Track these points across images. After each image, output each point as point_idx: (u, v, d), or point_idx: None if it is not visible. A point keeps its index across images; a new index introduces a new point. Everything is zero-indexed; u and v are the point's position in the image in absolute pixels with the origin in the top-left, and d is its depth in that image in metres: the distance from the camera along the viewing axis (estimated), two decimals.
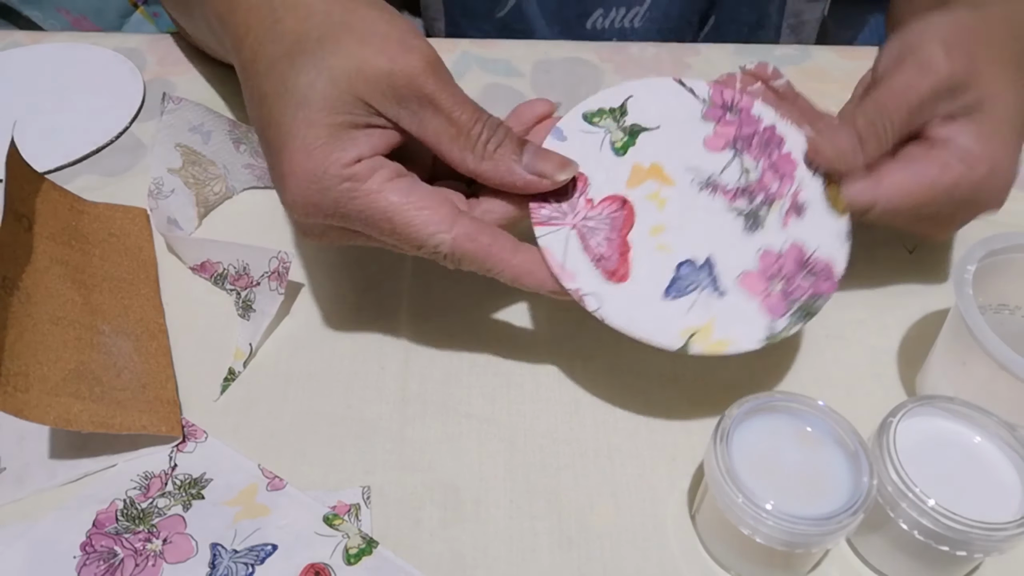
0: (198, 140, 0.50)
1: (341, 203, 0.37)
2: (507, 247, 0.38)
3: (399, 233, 0.38)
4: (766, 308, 0.39)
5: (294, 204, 0.38)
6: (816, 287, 0.40)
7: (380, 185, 0.37)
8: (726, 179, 0.41)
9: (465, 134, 0.38)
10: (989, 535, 0.32)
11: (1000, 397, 0.37)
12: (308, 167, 0.36)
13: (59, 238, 0.45)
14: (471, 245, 0.38)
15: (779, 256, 0.40)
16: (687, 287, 0.39)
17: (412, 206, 0.37)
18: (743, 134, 0.42)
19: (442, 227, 0.37)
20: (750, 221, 0.41)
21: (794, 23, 0.73)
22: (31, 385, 0.38)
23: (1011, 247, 0.41)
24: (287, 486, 0.40)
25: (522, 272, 0.39)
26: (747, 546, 0.35)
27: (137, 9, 0.86)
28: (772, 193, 0.41)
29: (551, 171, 0.39)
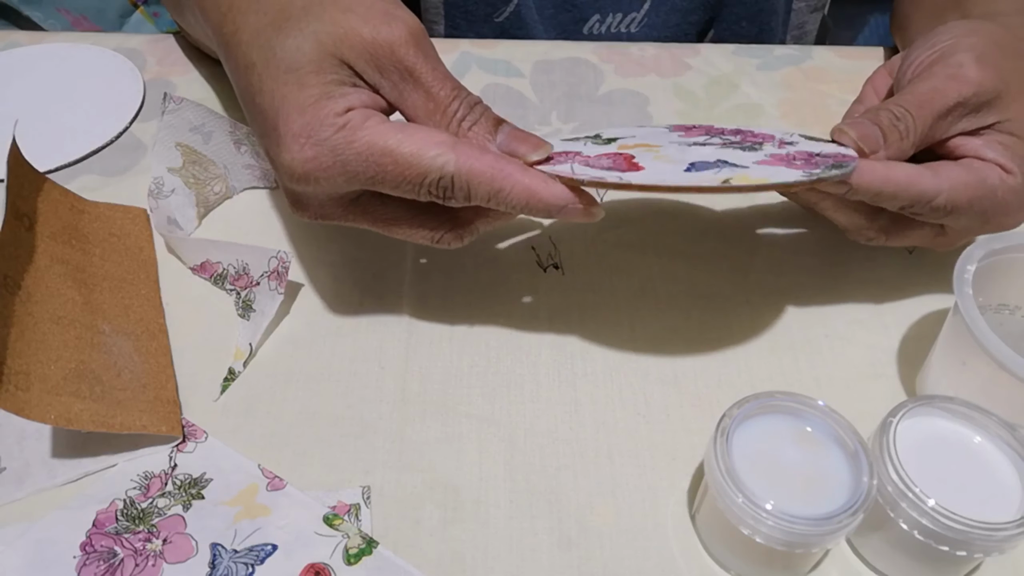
0: (199, 140, 0.50)
1: (339, 150, 0.36)
2: (516, 164, 0.37)
3: (401, 164, 0.36)
4: (794, 167, 0.38)
5: (293, 163, 0.37)
6: (839, 155, 0.39)
7: (376, 126, 0.37)
8: (711, 143, 0.42)
9: (442, 110, 0.38)
10: (989, 535, 0.32)
11: (1000, 397, 0.37)
12: (303, 122, 0.36)
13: (60, 237, 0.45)
14: (477, 163, 0.36)
15: (788, 154, 0.40)
16: (705, 166, 0.38)
17: (410, 137, 0.36)
18: (712, 130, 0.44)
19: (443, 148, 0.36)
20: (746, 146, 0.41)
21: (797, 34, 0.73)
22: (32, 384, 0.38)
23: (1011, 247, 0.41)
24: (287, 486, 0.40)
25: (535, 188, 0.37)
26: (747, 546, 0.35)
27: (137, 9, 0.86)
28: (759, 140, 0.42)
29: (524, 151, 0.38)
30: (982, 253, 0.40)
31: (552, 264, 0.50)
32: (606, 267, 0.49)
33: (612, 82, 0.62)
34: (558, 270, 0.49)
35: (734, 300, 0.48)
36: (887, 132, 0.41)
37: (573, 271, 0.49)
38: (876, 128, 0.41)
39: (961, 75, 0.41)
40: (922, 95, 0.41)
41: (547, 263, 0.50)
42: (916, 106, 0.41)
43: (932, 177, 0.40)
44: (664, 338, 0.46)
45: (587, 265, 0.49)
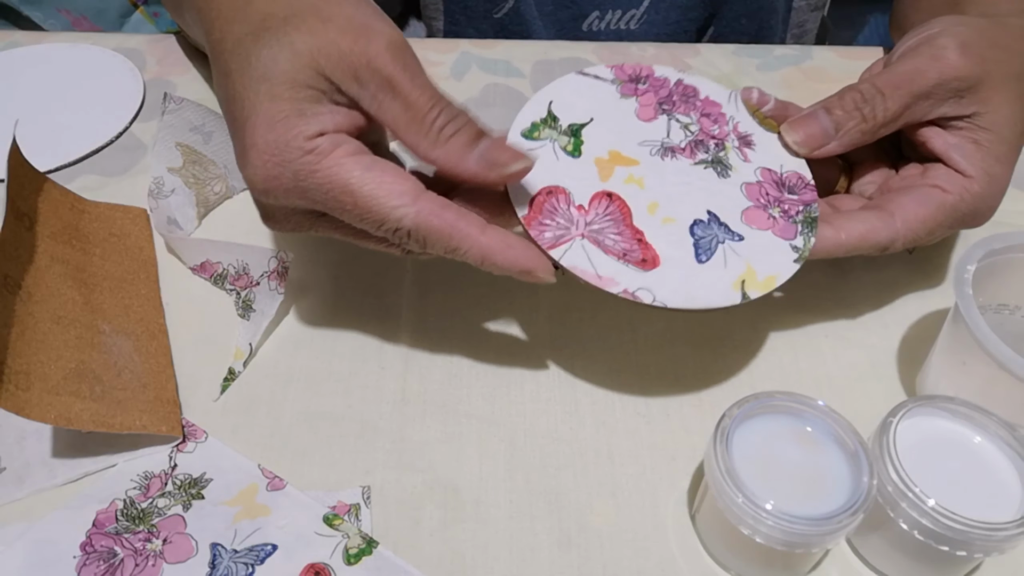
0: (199, 140, 0.50)
1: (301, 176, 0.36)
2: (475, 223, 0.37)
3: (360, 207, 0.36)
4: (779, 234, 0.41)
5: (255, 177, 0.36)
6: (803, 199, 0.42)
7: (341, 159, 0.36)
8: (675, 140, 0.43)
9: (420, 119, 0.37)
10: (989, 535, 0.32)
11: (1000, 397, 0.37)
12: (270, 139, 0.36)
13: (60, 237, 0.45)
14: (436, 220, 0.36)
15: (759, 184, 0.42)
16: (711, 245, 0.40)
17: (374, 180, 0.36)
18: (662, 97, 0.45)
19: (405, 200, 0.36)
20: (718, 167, 0.42)
21: (797, 32, 0.74)
22: (32, 384, 0.38)
23: (1011, 247, 0.41)
24: (287, 486, 0.40)
25: (492, 250, 0.37)
26: (747, 546, 0.35)
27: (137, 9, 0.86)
28: (717, 136, 0.44)
29: (505, 160, 0.37)
30: (982, 253, 0.40)
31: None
32: None
33: None
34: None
35: None
36: (843, 120, 0.41)
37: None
38: (827, 120, 0.41)
39: (944, 57, 0.41)
40: (900, 75, 0.41)
41: None
42: (892, 86, 0.41)
43: (885, 226, 0.41)
44: (664, 338, 0.46)
45: None
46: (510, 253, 0.37)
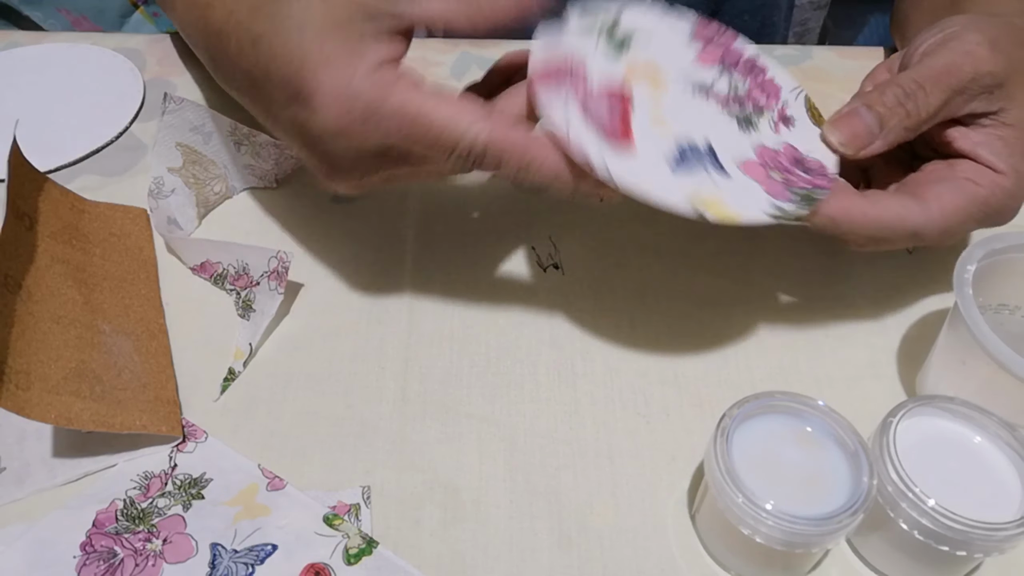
0: (199, 140, 0.50)
1: (374, 106, 0.35)
2: (544, 141, 0.37)
3: (436, 130, 0.36)
4: (769, 191, 0.39)
5: (326, 119, 0.36)
6: (814, 181, 0.40)
7: (409, 88, 0.36)
8: (717, 88, 0.42)
9: None
10: (989, 535, 0.32)
11: (1000, 397, 0.37)
12: (333, 76, 0.35)
13: (60, 237, 0.45)
14: (510, 135, 0.36)
15: (775, 152, 0.41)
16: (691, 165, 0.39)
17: (444, 103, 0.36)
18: (729, 58, 0.44)
19: (477, 118, 0.36)
20: (743, 123, 0.41)
21: (799, 31, 0.73)
22: (32, 383, 0.38)
23: (1011, 247, 0.41)
24: (287, 486, 0.40)
25: (563, 166, 0.37)
26: (747, 546, 0.35)
27: (137, 9, 0.85)
28: (761, 104, 0.43)
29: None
30: (982, 253, 0.40)
31: (552, 264, 0.50)
32: (606, 267, 0.49)
33: None
34: (558, 270, 0.49)
35: (734, 300, 0.48)
36: (887, 116, 0.40)
37: (573, 271, 0.49)
38: (870, 118, 0.40)
39: (976, 52, 0.40)
40: (939, 68, 0.40)
41: (547, 263, 0.50)
42: (932, 80, 0.40)
43: (922, 211, 0.40)
44: (664, 338, 0.46)
45: (587, 265, 0.49)
46: (575, 169, 0.37)
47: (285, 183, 0.54)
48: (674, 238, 0.51)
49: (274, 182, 0.53)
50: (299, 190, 0.53)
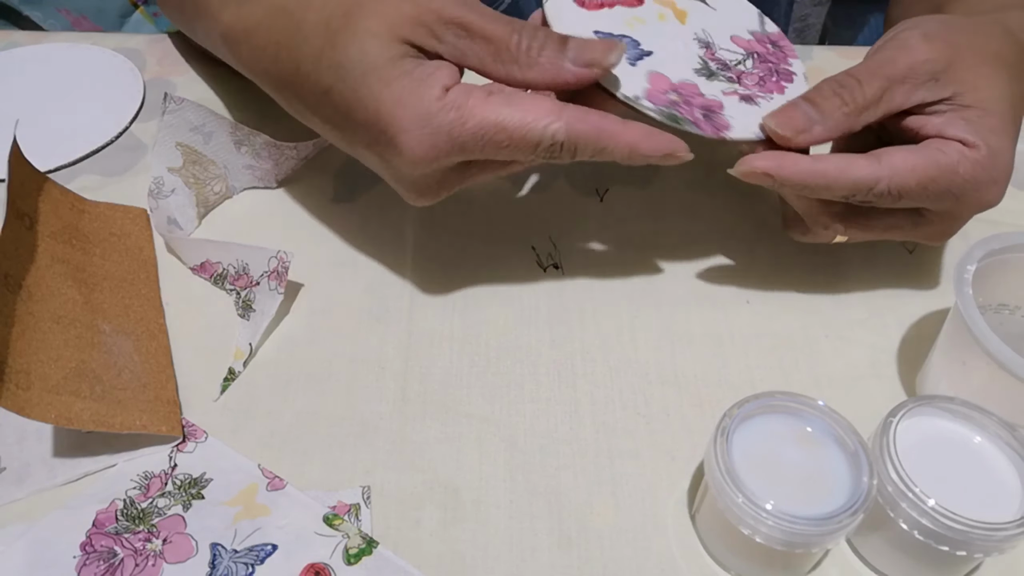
0: (199, 140, 0.50)
1: (455, 133, 0.37)
2: (616, 121, 0.38)
3: (516, 138, 0.37)
4: (651, 93, 0.41)
5: (415, 158, 0.38)
6: (694, 115, 0.41)
7: (482, 102, 0.37)
8: (722, 54, 0.45)
9: (504, 48, 0.38)
10: (989, 535, 0.32)
11: (1000, 397, 0.37)
12: (411, 115, 0.37)
13: (60, 237, 0.45)
14: (583, 126, 0.38)
15: (698, 92, 0.42)
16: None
17: (518, 110, 0.37)
18: (766, 59, 0.46)
19: (552, 117, 0.37)
20: (703, 71, 0.43)
21: (800, 27, 0.73)
22: (32, 383, 0.38)
23: (1011, 247, 0.41)
24: (287, 486, 0.40)
25: (637, 142, 0.38)
26: (747, 546, 0.35)
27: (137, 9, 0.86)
28: (744, 82, 0.44)
29: (600, 58, 0.39)
30: (982, 253, 0.40)
31: (552, 264, 0.50)
32: (606, 267, 0.49)
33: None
34: (558, 270, 0.49)
35: (734, 300, 0.48)
36: (823, 104, 0.41)
37: (573, 271, 0.49)
38: (806, 106, 0.41)
39: (908, 45, 0.41)
40: (871, 64, 0.42)
41: (547, 263, 0.50)
42: (867, 72, 0.41)
43: (868, 164, 0.40)
44: (664, 338, 0.46)
45: (587, 265, 0.49)
46: (653, 141, 0.39)
47: (285, 183, 0.54)
48: (674, 238, 0.51)
49: (274, 182, 0.53)
50: (299, 190, 0.53)
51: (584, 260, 0.50)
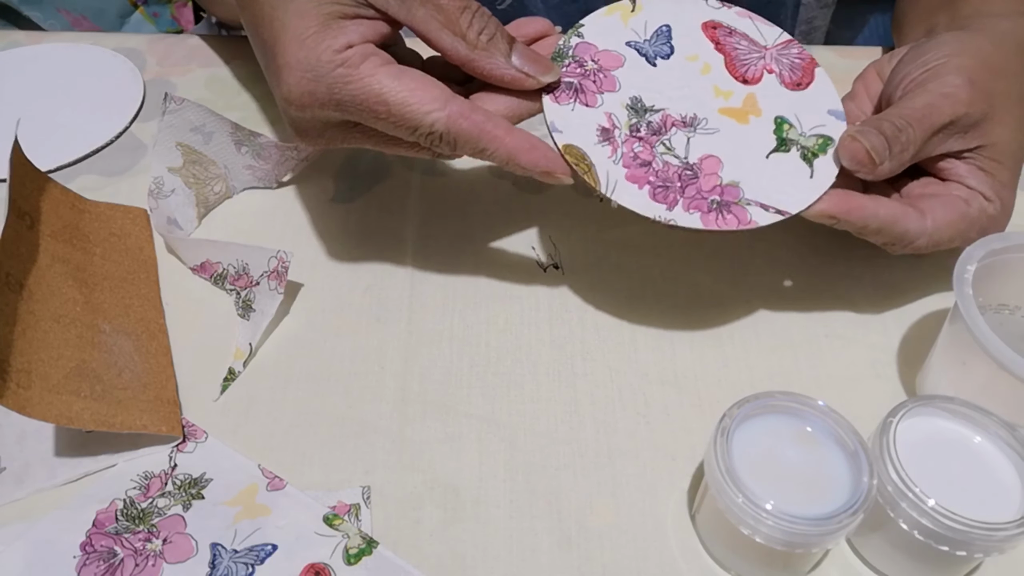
0: (199, 140, 0.50)
1: (335, 89, 0.37)
2: (501, 125, 0.39)
3: (394, 115, 0.38)
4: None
5: (290, 96, 0.38)
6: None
7: (373, 69, 0.37)
8: None
9: (453, 23, 0.38)
10: (989, 535, 0.32)
11: (1000, 397, 0.37)
12: (301, 56, 0.37)
13: (61, 236, 0.45)
14: (465, 123, 0.38)
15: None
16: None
17: (405, 87, 0.37)
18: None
19: (436, 105, 0.38)
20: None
21: (806, 29, 0.73)
22: (33, 382, 0.38)
23: (1011, 247, 0.41)
24: (287, 486, 0.40)
25: (517, 151, 0.39)
26: (747, 546, 0.35)
27: (137, 9, 0.86)
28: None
29: (537, 72, 0.40)
30: (982, 253, 0.40)
31: (552, 264, 0.50)
32: (606, 267, 0.49)
33: None
34: (558, 270, 0.49)
35: (734, 300, 0.48)
36: (891, 143, 0.41)
37: (573, 271, 0.49)
38: (882, 139, 0.41)
39: (954, 95, 0.41)
40: (919, 109, 0.41)
41: (547, 263, 0.50)
42: (915, 120, 0.41)
43: (918, 219, 0.42)
44: (664, 338, 0.46)
45: (587, 265, 0.49)
46: (533, 154, 0.39)
47: (285, 183, 0.54)
48: (674, 238, 0.51)
49: (274, 182, 0.53)
50: (299, 190, 0.53)
51: (584, 260, 0.50)
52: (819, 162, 0.42)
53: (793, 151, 0.42)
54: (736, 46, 0.45)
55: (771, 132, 0.43)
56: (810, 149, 0.42)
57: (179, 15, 0.88)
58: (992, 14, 0.48)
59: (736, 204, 0.41)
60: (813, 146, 0.42)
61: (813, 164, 0.42)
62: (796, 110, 0.43)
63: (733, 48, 0.45)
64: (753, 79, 0.44)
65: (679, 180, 0.41)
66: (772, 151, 0.42)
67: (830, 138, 0.43)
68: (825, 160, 0.42)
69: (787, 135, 0.43)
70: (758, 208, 0.41)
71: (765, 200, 0.41)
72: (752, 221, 0.40)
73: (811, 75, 0.45)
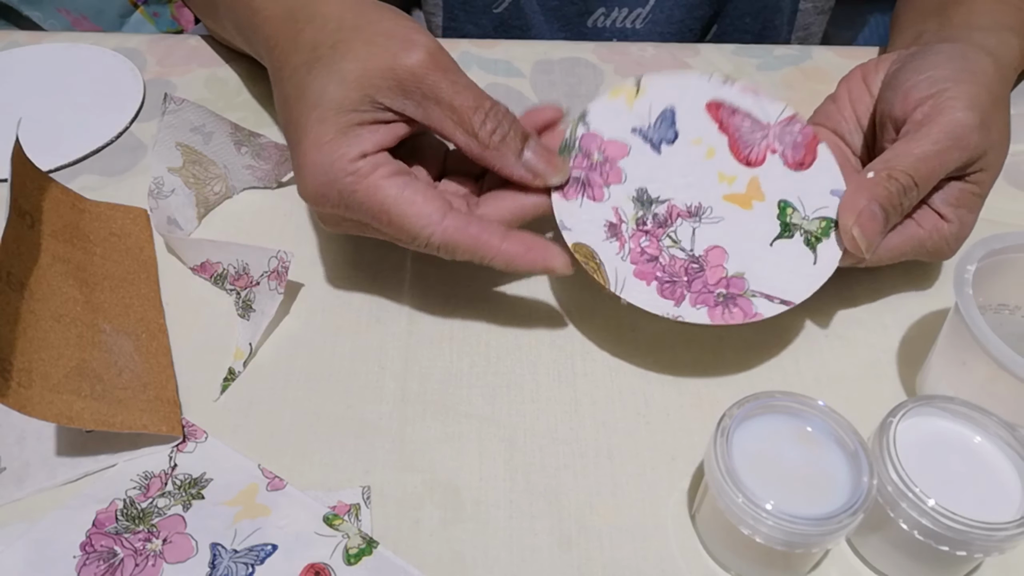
0: (199, 140, 0.50)
1: (345, 194, 0.40)
2: (496, 235, 0.41)
3: (394, 225, 0.40)
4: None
5: (307, 194, 0.41)
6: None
7: (378, 181, 0.40)
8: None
9: (468, 120, 0.40)
10: (989, 535, 0.32)
11: (1000, 397, 0.37)
12: (318, 160, 0.40)
13: (61, 236, 0.45)
14: (460, 236, 0.40)
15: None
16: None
17: (405, 201, 0.40)
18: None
19: (432, 220, 0.40)
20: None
21: (803, 35, 0.73)
22: (33, 381, 0.38)
23: (1011, 247, 0.41)
24: (287, 486, 0.40)
25: (513, 257, 0.41)
26: (747, 546, 0.35)
27: (137, 9, 0.86)
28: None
29: (546, 173, 0.42)
30: (982, 253, 0.40)
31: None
32: None
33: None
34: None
35: None
36: (891, 210, 0.41)
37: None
38: (881, 214, 0.41)
39: (965, 141, 0.41)
40: (929, 162, 0.41)
41: None
42: (925, 177, 0.41)
43: (928, 235, 0.43)
44: (664, 338, 0.46)
45: None
46: (530, 256, 0.41)
47: (285, 183, 0.54)
48: None
49: (274, 182, 0.53)
50: None
51: None
52: (822, 247, 0.43)
53: (796, 236, 0.43)
54: (739, 126, 0.45)
55: (775, 217, 0.43)
56: (813, 234, 0.43)
57: (179, 15, 0.88)
58: (981, 27, 0.47)
59: (742, 296, 0.42)
60: (816, 230, 0.43)
61: (816, 249, 0.43)
62: (799, 192, 0.44)
63: (736, 129, 0.45)
64: (756, 161, 0.45)
65: (686, 274, 0.42)
66: (776, 238, 0.43)
67: (832, 221, 0.43)
68: (828, 244, 0.43)
69: (790, 220, 0.43)
70: (763, 300, 0.42)
71: (770, 291, 0.42)
72: (757, 314, 0.41)
73: (813, 153, 0.45)
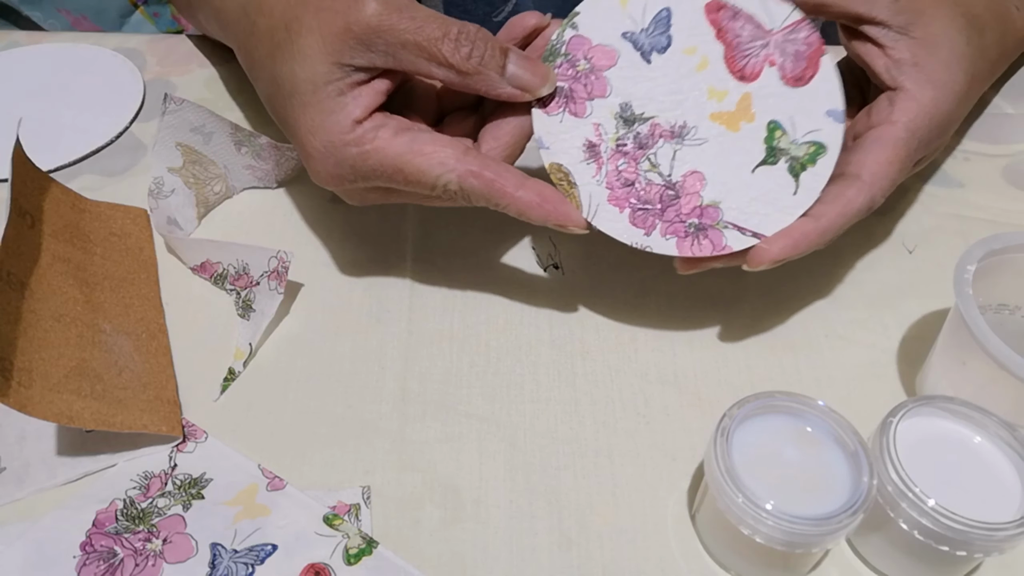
0: (199, 140, 0.50)
1: (357, 166, 0.40)
2: (511, 182, 0.40)
3: (411, 180, 0.40)
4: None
5: (322, 180, 0.41)
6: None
7: (386, 142, 0.39)
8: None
9: (438, 52, 0.38)
10: (989, 535, 0.32)
11: (1000, 397, 0.37)
12: (318, 144, 0.40)
13: (61, 236, 0.45)
14: (476, 181, 0.39)
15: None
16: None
17: (416, 153, 0.39)
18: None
19: (447, 166, 0.39)
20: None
21: None
22: (34, 381, 0.38)
23: (1011, 247, 0.41)
24: (287, 486, 0.40)
25: (528, 205, 0.40)
26: (747, 546, 0.35)
27: (137, 9, 0.86)
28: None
29: (534, 84, 0.40)
30: (982, 253, 0.40)
31: (552, 264, 0.50)
32: (606, 267, 0.49)
33: None
34: (558, 270, 0.49)
35: (734, 300, 0.48)
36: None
37: (573, 271, 0.49)
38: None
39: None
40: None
41: (547, 263, 0.50)
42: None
43: (859, 192, 0.40)
44: (664, 338, 0.46)
45: (587, 265, 0.50)
46: (544, 208, 0.40)
47: (285, 183, 0.54)
48: None
49: (274, 183, 0.53)
50: (299, 190, 0.53)
51: (584, 260, 0.50)
52: (805, 175, 0.41)
53: (781, 163, 0.41)
54: (739, 33, 0.41)
55: (761, 141, 0.41)
56: (799, 160, 0.41)
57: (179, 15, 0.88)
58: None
59: (713, 227, 0.40)
60: (803, 156, 0.41)
61: (799, 178, 0.41)
62: (792, 111, 0.41)
63: (735, 36, 0.42)
64: (751, 75, 0.42)
65: (660, 202, 0.41)
66: (759, 164, 0.41)
67: (822, 146, 0.41)
68: (812, 173, 0.41)
69: (778, 143, 0.41)
70: (735, 232, 0.40)
71: (743, 223, 0.40)
72: (727, 247, 0.40)
73: (815, 66, 0.41)
